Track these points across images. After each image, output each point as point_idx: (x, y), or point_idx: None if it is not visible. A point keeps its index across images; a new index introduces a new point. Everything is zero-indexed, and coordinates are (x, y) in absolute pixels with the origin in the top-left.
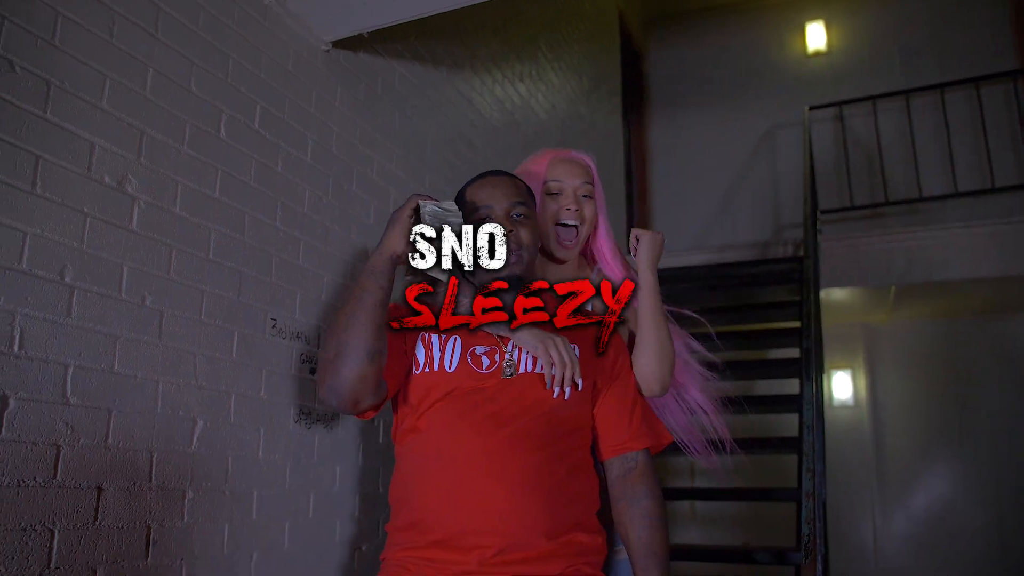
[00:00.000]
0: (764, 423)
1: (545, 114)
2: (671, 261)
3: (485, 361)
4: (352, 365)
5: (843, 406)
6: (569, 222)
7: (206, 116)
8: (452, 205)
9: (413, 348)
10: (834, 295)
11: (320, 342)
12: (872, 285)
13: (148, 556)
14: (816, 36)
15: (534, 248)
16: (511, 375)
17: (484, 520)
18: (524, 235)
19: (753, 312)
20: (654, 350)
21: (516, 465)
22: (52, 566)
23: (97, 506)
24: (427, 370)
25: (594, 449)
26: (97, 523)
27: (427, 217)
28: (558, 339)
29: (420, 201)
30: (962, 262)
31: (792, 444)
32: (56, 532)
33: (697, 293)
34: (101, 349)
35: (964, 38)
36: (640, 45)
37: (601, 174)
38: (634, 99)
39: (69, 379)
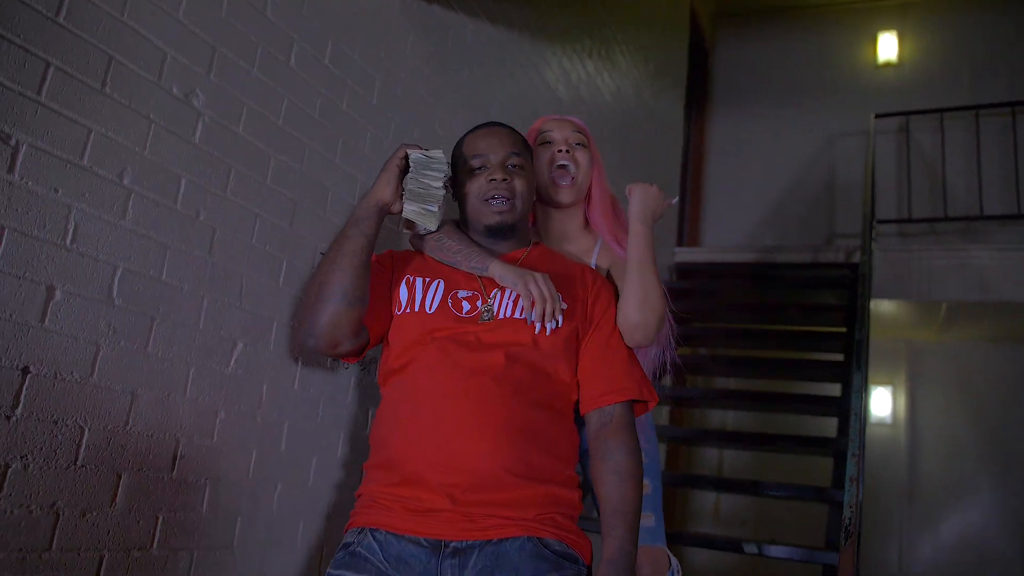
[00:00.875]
0: (797, 424)
1: (610, 95)
2: (720, 257)
3: (466, 306)
4: (330, 308)
5: (880, 423)
6: (562, 162)
7: (278, 42)
8: (438, 153)
9: (396, 290)
10: (881, 307)
11: None
12: (923, 299)
13: (174, 470)
14: (888, 46)
15: (528, 198)
16: (488, 319)
17: (454, 457)
18: (518, 184)
19: (800, 313)
20: (636, 299)
21: (491, 408)
22: (79, 463)
23: (129, 410)
24: (408, 311)
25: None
26: (127, 428)
27: (412, 164)
28: (538, 275)
29: (408, 150)
30: (1019, 284)
31: (827, 444)
32: (87, 430)
33: (744, 289)
34: (151, 256)
35: None
36: (708, 41)
37: (657, 164)
38: (698, 94)
39: (116, 280)
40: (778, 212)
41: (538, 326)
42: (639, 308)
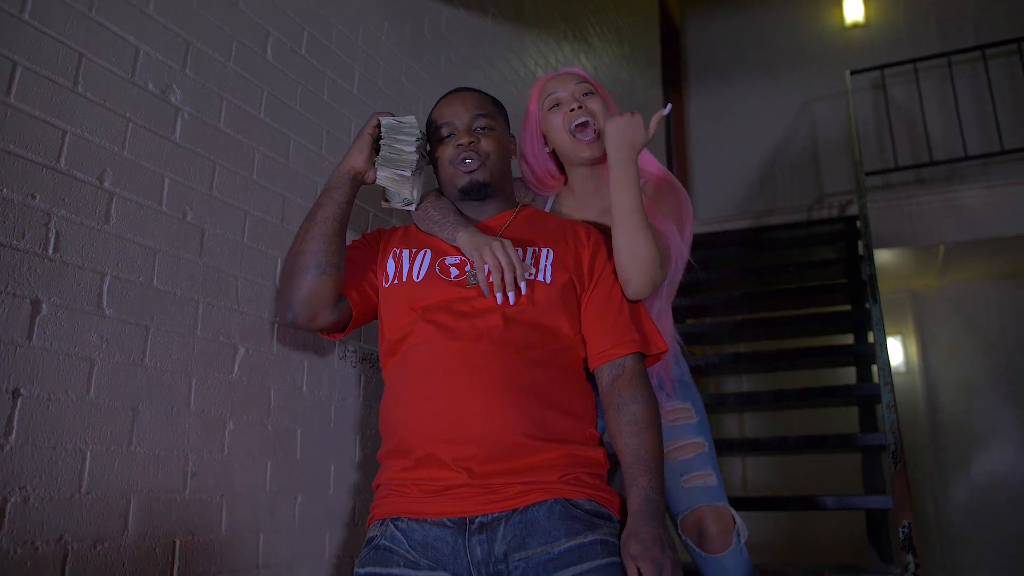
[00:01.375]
0: (814, 379)
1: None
2: (712, 227)
3: (454, 272)
4: (305, 278)
5: (895, 373)
6: (578, 120)
7: (253, 35)
8: (410, 118)
9: (384, 264)
10: (880, 259)
11: None
12: (920, 245)
13: (186, 489)
14: (854, 7)
15: (499, 158)
16: (474, 284)
17: (464, 429)
18: (486, 144)
19: (800, 271)
20: (622, 254)
21: (493, 372)
22: (83, 491)
23: (132, 429)
24: (396, 282)
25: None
26: (131, 448)
27: (384, 130)
28: (496, 243)
29: (381, 118)
30: (1011, 219)
31: (849, 391)
32: (88, 454)
33: (740, 255)
34: (140, 261)
35: (1000, 2)
36: (678, 20)
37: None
38: (673, 73)
39: (106, 289)
40: (766, 179)
41: (499, 296)
42: (628, 265)
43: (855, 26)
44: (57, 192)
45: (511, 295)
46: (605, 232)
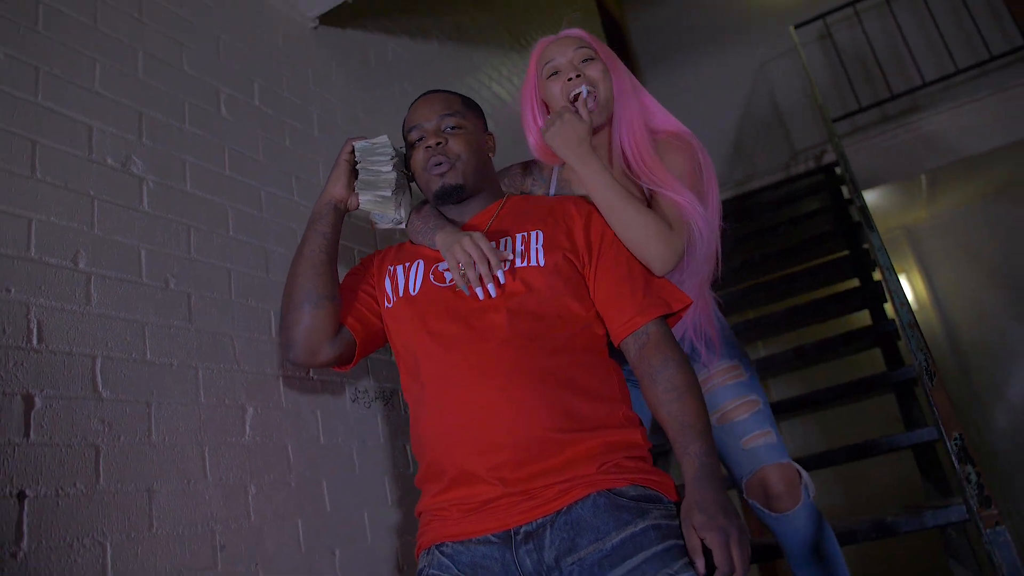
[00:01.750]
0: (827, 333)
1: None
2: None
3: (448, 276)
4: (300, 315)
5: None
6: (576, 90)
7: (204, 94)
8: (382, 138)
9: (381, 286)
10: (867, 200)
11: None
12: (901, 179)
13: (218, 564)
14: None
15: (471, 157)
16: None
17: (489, 434)
18: (455, 145)
19: (790, 227)
20: (625, 236)
21: (508, 368)
22: None
23: (150, 510)
24: (395, 300)
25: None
26: (153, 531)
27: (358, 153)
28: (466, 238)
29: (354, 143)
30: (981, 135)
31: (869, 333)
32: (108, 545)
33: (729, 226)
34: (129, 337)
35: None
36: (617, 15)
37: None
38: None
39: (99, 371)
40: (738, 147)
41: (479, 291)
42: (636, 244)
43: None
44: (32, 281)
45: (490, 287)
46: None
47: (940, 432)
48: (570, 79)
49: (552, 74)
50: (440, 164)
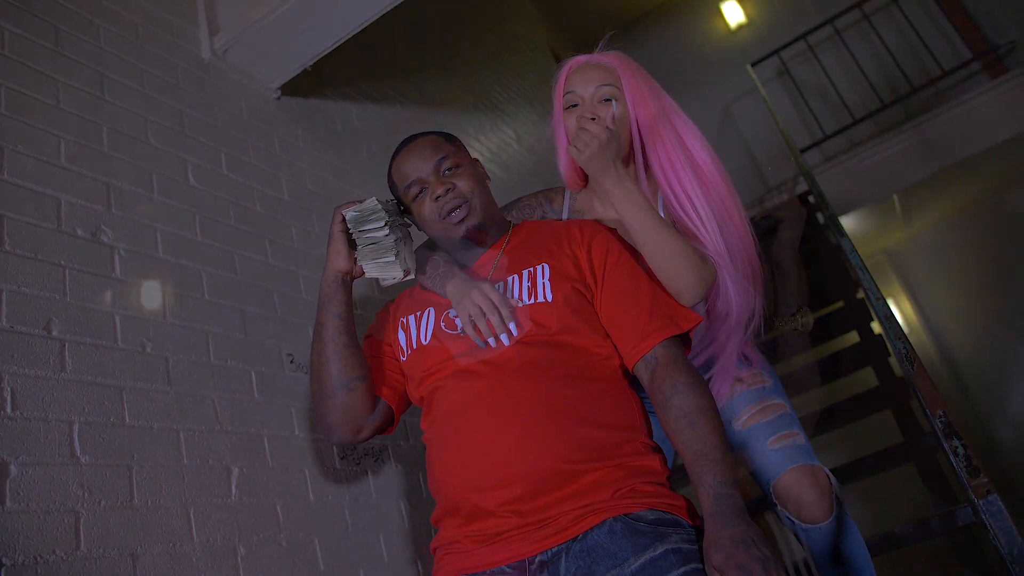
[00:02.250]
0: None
1: (514, 141)
2: None
3: (459, 322)
4: (334, 403)
5: None
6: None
7: (171, 165)
8: (371, 202)
9: (396, 339)
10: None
11: None
12: (874, 201)
13: None
14: (732, 12)
15: (479, 190)
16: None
17: (502, 469)
18: (462, 185)
19: (769, 260)
20: (664, 272)
21: (521, 401)
22: None
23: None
24: (409, 352)
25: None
26: None
27: (350, 224)
28: (476, 290)
29: (344, 212)
30: (945, 149)
31: (858, 349)
32: None
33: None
34: (107, 402)
35: None
36: None
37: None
38: None
39: (76, 436)
40: None
41: (492, 342)
42: (671, 274)
43: (740, 27)
44: (4, 350)
45: (503, 338)
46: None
47: (938, 442)
48: (583, 118)
49: (571, 105)
50: (457, 210)
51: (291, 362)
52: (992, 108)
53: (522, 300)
